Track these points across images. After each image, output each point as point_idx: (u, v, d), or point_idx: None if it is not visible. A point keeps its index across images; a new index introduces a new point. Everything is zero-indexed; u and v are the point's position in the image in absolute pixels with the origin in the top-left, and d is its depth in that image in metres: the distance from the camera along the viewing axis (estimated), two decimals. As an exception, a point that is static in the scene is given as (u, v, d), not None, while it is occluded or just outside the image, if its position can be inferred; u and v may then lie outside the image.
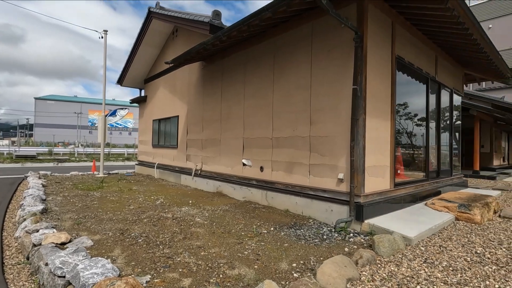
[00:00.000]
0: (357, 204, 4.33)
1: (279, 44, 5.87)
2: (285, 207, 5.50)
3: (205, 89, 8.27)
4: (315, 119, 5.07)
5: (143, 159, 12.41)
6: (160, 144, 10.89)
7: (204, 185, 8.00)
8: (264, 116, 6.16)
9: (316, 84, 5.08)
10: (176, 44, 10.01)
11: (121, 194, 7.08)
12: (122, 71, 11.98)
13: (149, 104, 12.07)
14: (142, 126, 12.68)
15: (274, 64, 5.97)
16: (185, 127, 9.20)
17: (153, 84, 11.71)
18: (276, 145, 5.85)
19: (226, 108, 7.37)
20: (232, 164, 7.06)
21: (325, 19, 4.94)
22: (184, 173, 9.11)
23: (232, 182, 6.97)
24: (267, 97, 6.10)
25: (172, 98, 10.09)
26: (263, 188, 6.06)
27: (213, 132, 7.84)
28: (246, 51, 6.71)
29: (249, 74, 6.64)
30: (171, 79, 10.23)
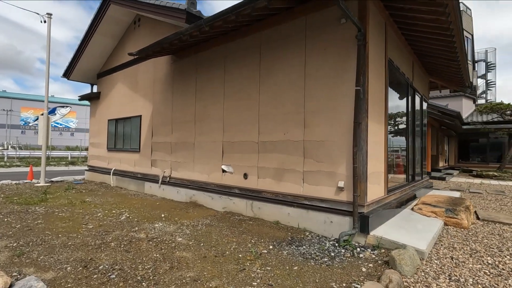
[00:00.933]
0: (361, 214, 4.00)
1: (266, 40, 5.36)
2: (275, 219, 4.99)
3: (175, 87, 7.40)
4: (310, 122, 4.66)
5: (95, 164, 10.86)
6: (118, 148, 9.59)
7: (174, 194, 7.11)
8: (248, 118, 5.59)
9: (311, 84, 4.68)
10: (138, 35, 8.89)
11: (73, 209, 5.87)
12: (70, 62, 10.35)
13: (103, 102, 10.62)
14: (95, 127, 11.12)
15: (260, 61, 5.45)
16: (150, 128, 8.17)
17: (109, 79, 10.33)
18: (263, 150, 5.32)
19: (201, 109, 6.62)
20: (209, 170, 6.34)
21: (322, 14, 4.57)
22: (148, 180, 8.06)
23: (209, 190, 6.24)
24: (252, 97, 5.55)
25: (133, 96, 8.94)
26: (247, 198, 5.47)
27: (185, 135, 7.01)
28: (227, 45, 6.08)
29: (230, 72, 6.01)
30: (132, 74, 9.06)
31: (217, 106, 6.23)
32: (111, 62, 10.24)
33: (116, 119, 9.74)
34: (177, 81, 7.33)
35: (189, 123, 6.91)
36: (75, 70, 10.52)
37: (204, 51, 6.61)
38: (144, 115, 8.43)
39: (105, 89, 10.57)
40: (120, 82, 9.69)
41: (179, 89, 7.26)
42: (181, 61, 7.26)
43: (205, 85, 6.56)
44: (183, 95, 7.12)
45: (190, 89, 6.94)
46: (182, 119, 7.11)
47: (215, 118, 6.25)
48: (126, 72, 9.40)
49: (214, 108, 6.28)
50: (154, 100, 8.06)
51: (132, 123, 8.91)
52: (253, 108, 5.52)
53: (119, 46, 9.83)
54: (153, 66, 8.19)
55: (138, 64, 8.81)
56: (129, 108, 9.08)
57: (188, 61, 7.05)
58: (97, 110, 10.96)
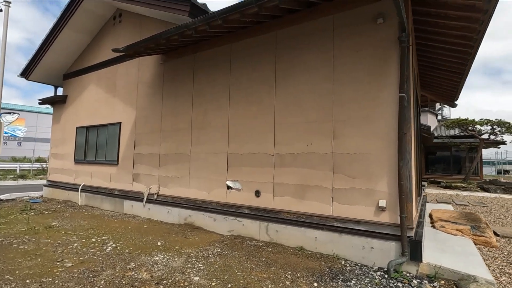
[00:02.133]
0: (411, 239, 3.48)
1: (283, 39, 4.80)
2: (297, 244, 4.29)
3: (165, 90, 6.49)
4: (340, 132, 4.12)
5: (57, 179, 9.28)
6: (89, 160, 8.25)
7: (163, 215, 6.08)
8: (260, 126, 4.91)
9: (341, 89, 4.17)
10: (119, 32, 7.85)
11: (38, 238, 4.63)
12: (32, 59, 8.86)
13: (70, 107, 9.20)
14: (58, 135, 9.58)
15: (276, 63, 4.84)
16: (132, 137, 7.08)
17: (79, 81, 9.00)
18: (280, 164, 4.65)
19: (199, 115, 5.79)
20: (209, 187, 5.48)
21: (353, 13, 4.12)
22: (129, 198, 6.90)
23: (210, 210, 5.37)
24: (265, 102, 4.89)
25: (110, 100, 7.78)
26: (261, 219, 4.72)
27: (178, 145, 6.09)
28: (233, 45, 5.40)
29: (236, 74, 5.32)
30: (109, 76, 7.93)
31: (220, 112, 5.46)
32: (82, 62, 8.96)
33: (87, 127, 8.41)
34: (169, 83, 6.44)
35: (183, 132, 6.02)
36: (36, 69, 9.02)
37: (203, 51, 5.85)
38: (125, 122, 7.32)
39: (73, 92, 9.19)
40: (93, 84, 8.45)
41: (171, 92, 6.36)
42: (174, 61, 6.40)
43: (204, 89, 5.77)
44: (176, 100, 6.23)
45: (185, 93, 6.09)
46: (175, 127, 6.19)
47: (218, 126, 5.47)
48: (101, 74, 8.22)
49: (217, 114, 5.51)
50: (138, 105, 7.03)
51: (109, 132, 7.71)
52: (266, 115, 4.86)
53: (94, 43, 8.63)
54: (136, 67, 7.19)
55: (117, 64, 7.73)
56: (105, 114, 7.88)
57: (182, 61, 6.22)
58: (62, 116, 9.47)
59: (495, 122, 17.76)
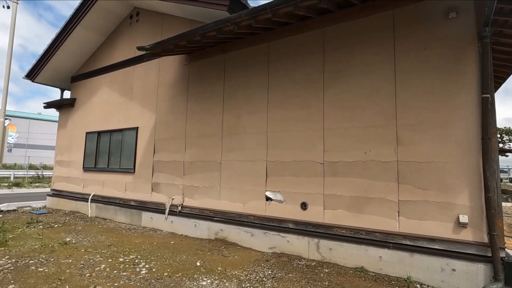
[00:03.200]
0: (505, 261, 3.03)
1: (331, 38, 4.40)
2: (356, 264, 3.81)
3: (190, 93, 6.02)
4: (406, 138, 3.69)
5: (63, 188, 8.64)
6: (100, 167, 7.66)
7: (190, 229, 5.53)
8: (306, 132, 4.46)
9: (405, 91, 3.76)
10: (136, 32, 7.39)
11: (57, 257, 4.05)
12: (40, 59, 8.31)
13: (79, 111, 8.63)
14: (64, 141, 8.97)
15: (324, 63, 4.43)
16: (151, 144, 6.56)
17: (89, 83, 8.47)
18: (331, 173, 4.19)
19: (232, 119, 5.32)
20: (244, 198, 4.98)
21: (417, 7, 3.75)
22: (147, 209, 6.33)
23: (246, 224, 4.85)
24: (312, 106, 4.46)
25: (126, 104, 7.27)
26: (310, 235, 4.23)
27: (205, 152, 5.59)
28: (272, 44, 4.99)
29: (276, 75, 4.89)
30: (125, 78, 7.43)
31: (257, 116, 5.01)
32: (94, 63, 8.45)
33: (98, 132, 7.85)
34: (194, 86, 5.97)
35: (212, 137, 5.53)
36: (44, 70, 8.47)
37: (235, 50, 5.43)
38: (142, 127, 6.80)
39: (82, 95, 8.64)
40: (105, 86, 7.93)
41: (197, 95, 5.89)
42: (200, 62, 5.96)
43: (238, 91, 5.32)
44: (203, 103, 5.77)
45: (214, 96, 5.63)
46: (202, 132, 5.71)
47: (254, 131, 5.01)
48: (115, 76, 7.72)
49: (253, 118, 5.05)
50: (158, 109, 6.54)
51: (124, 137, 7.17)
52: (313, 119, 4.42)
53: (107, 44, 8.15)
54: (156, 68, 6.73)
55: (133, 66, 7.25)
56: (120, 118, 7.35)
57: (211, 62, 5.78)
58: (70, 121, 8.89)
59: (503, 130, 17.72)
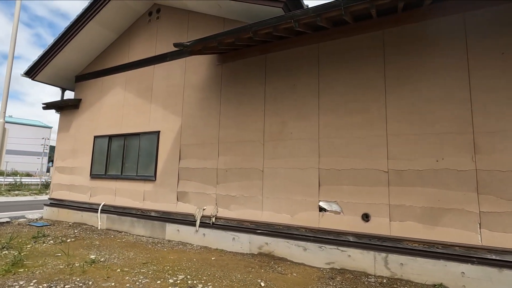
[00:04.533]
0: None
1: (392, 40, 4.21)
2: (434, 280, 3.54)
3: (224, 96, 5.63)
4: (487, 145, 3.51)
5: (64, 197, 7.84)
6: (111, 175, 7.01)
7: (227, 243, 5.07)
8: (366, 138, 4.21)
9: (482, 96, 3.60)
10: (156, 30, 6.91)
11: (94, 280, 3.48)
12: (43, 56, 7.58)
13: (86, 112, 7.94)
14: (66, 146, 8.20)
15: (385, 66, 4.22)
16: (176, 149, 6.06)
17: (98, 83, 7.83)
18: (397, 182, 3.93)
19: (275, 124, 4.98)
20: (292, 208, 4.62)
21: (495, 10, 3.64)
22: (172, 221, 5.80)
23: (296, 237, 4.48)
24: (372, 111, 4.22)
25: (144, 106, 6.73)
26: (375, 249, 3.93)
27: (243, 159, 5.20)
28: (323, 45, 4.73)
29: (328, 79, 4.63)
30: (143, 78, 6.90)
31: (306, 121, 4.70)
32: (103, 62, 7.83)
33: (110, 136, 7.22)
34: (229, 88, 5.59)
35: (252, 144, 5.16)
36: (47, 67, 7.73)
37: (279, 51, 5.13)
38: (165, 131, 6.29)
39: (89, 95, 7.96)
40: (119, 87, 7.34)
41: (233, 98, 5.51)
42: (236, 62, 5.60)
43: (282, 95, 5.00)
44: (240, 107, 5.39)
45: (253, 100, 5.28)
46: (239, 138, 5.31)
47: (303, 137, 4.69)
48: (131, 75, 7.17)
49: (301, 124, 4.74)
50: (185, 112, 6.07)
51: (142, 142, 6.60)
52: (375, 125, 4.18)
53: (121, 42, 7.58)
54: (181, 69, 6.28)
55: (153, 65, 6.76)
56: (137, 121, 6.79)
57: (249, 63, 5.44)
58: (73, 124, 8.15)
59: None
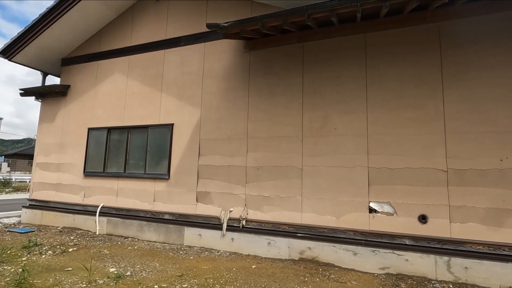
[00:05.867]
0: None
1: (449, 33, 4.03)
2: (504, 284, 3.42)
3: (253, 87, 5.12)
4: (553, 145, 3.46)
5: (49, 198, 6.78)
6: (111, 172, 6.16)
7: (261, 248, 4.61)
8: (422, 136, 3.99)
9: (548, 95, 3.54)
10: (165, 11, 6.15)
11: (136, 302, 2.86)
12: (24, 34, 6.42)
13: (76, 101, 6.91)
14: (50, 139, 7.10)
15: (441, 58, 4.03)
16: (194, 144, 5.43)
17: (91, 68, 6.84)
18: (457, 182, 3.77)
19: (316, 120, 4.61)
20: (338, 210, 4.29)
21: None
22: (191, 224, 5.19)
23: (344, 241, 4.17)
24: (428, 107, 4.01)
25: (153, 95, 5.98)
26: (435, 252, 3.73)
27: (278, 156, 4.76)
28: (370, 36, 4.43)
29: (376, 72, 4.34)
30: (150, 64, 6.13)
31: (352, 116, 4.39)
32: (99, 44, 6.86)
33: (109, 128, 6.34)
34: (259, 78, 5.10)
35: (287, 139, 4.74)
36: (29, 47, 6.57)
37: (318, 40, 4.75)
38: (180, 125, 5.63)
39: (80, 82, 6.95)
40: (119, 73, 6.47)
41: (264, 89, 5.03)
42: (266, 50, 5.12)
43: (323, 87, 4.63)
44: (273, 99, 4.94)
45: (288, 91, 4.85)
46: (272, 133, 4.86)
47: (349, 133, 4.37)
48: (134, 61, 6.34)
49: (347, 119, 4.41)
50: (205, 104, 5.46)
51: (152, 136, 5.86)
52: (431, 122, 3.97)
53: (121, 22, 6.67)
54: (200, 55, 5.65)
55: (164, 50, 6.02)
56: (143, 113, 6.01)
57: (282, 51, 4.99)
58: (60, 113, 7.08)
59: None
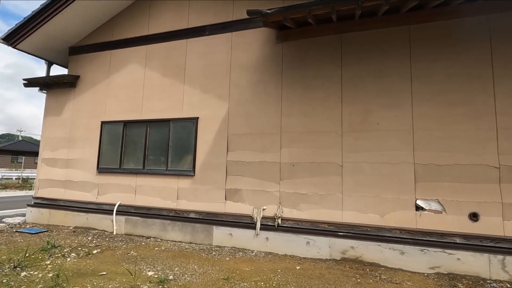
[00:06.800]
0: None
1: (498, 25, 3.93)
2: (559, 283, 3.37)
3: (286, 79, 4.90)
4: None
5: (58, 196, 6.35)
6: (128, 168, 5.81)
7: (299, 247, 4.42)
8: (471, 131, 3.88)
9: None
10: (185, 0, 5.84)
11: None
12: (31, 18, 5.93)
13: (87, 92, 6.48)
14: (58, 133, 6.64)
15: (492, 55, 3.92)
16: (222, 139, 5.17)
17: (104, 57, 6.42)
18: (510, 179, 3.69)
19: (356, 114, 4.43)
20: (383, 208, 4.14)
21: None
22: (220, 223, 4.94)
23: (389, 240, 4.03)
24: (477, 102, 3.90)
25: (175, 87, 5.65)
26: (488, 251, 3.64)
27: (315, 152, 4.57)
28: (413, 27, 4.28)
29: (422, 65, 4.20)
30: (171, 54, 5.79)
31: (396, 111, 4.24)
32: (111, 31, 6.43)
33: (125, 122, 5.96)
34: (293, 70, 4.88)
35: (326, 134, 4.55)
36: (36, 33, 6.09)
37: (357, 32, 4.56)
38: (205, 118, 5.34)
39: (91, 72, 6.52)
40: (135, 63, 6.09)
41: (299, 82, 4.82)
42: (300, 41, 4.89)
43: (363, 80, 4.46)
44: (309, 92, 4.73)
45: (327, 84, 4.65)
46: (308, 128, 4.66)
47: (393, 128, 4.22)
48: (153, 50, 5.97)
49: (390, 114, 4.26)
50: (233, 97, 5.20)
51: (174, 130, 5.54)
52: (481, 118, 3.86)
53: (136, 9, 6.26)
54: (226, 45, 5.37)
55: (185, 39, 5.70)
56: (164, 105, 5.68)
57: (317, 42, 4.78)
58: (68, 106, 6.62)
59: None
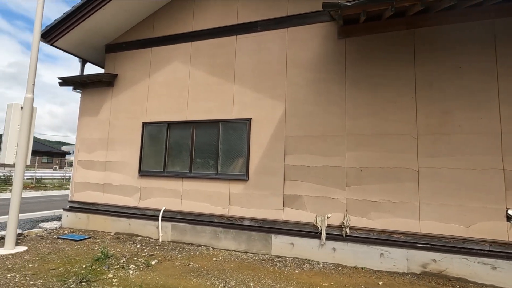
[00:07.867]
0: None
1: None
2: None
3: (350, 78, 4.57)
4: None
5: (96, 200, 6.09)
6: (173, 172, 5.52)
7: (372, 259, 4.10)
8: None
9: None
10: (234, -8, 5.52)
11: None
12: (71, 14, 5.67)
13: (126, 92, 6.20)
14: (94, 134, 6.38)
15: None
16: (279, 142, 4.86)
17: (145, 55, 6.13)
18: None
19: (433, 116, 4.10)
20: (467, 218, 3.81)
21: None
22: (279, 232, 4.63)
23: (477, 253, 3.69)
24: None
25: (223, 86, 5.35)
26: None
27: (386, 156, 4.24)
28: (498, 22, 3.94)
29: (510, 61, 3.86)
30: (218, 52, 5.48)
31: (480, 113, 3.90)
32: (151, 28, 6.14)
33: (169, 123, 5.68)
34: (358, 68, 4.55)
35: (399, 137, 4.22)
36: (75, 30, 5.82)
37: (432, 26, 4.22)
38: (258, 120, 5.03)
39: (130, 70, 6.23)
40: (179, 61, 5.79)
41: (365, 81, 4.49)
42: (365, 37, 4.56)
43: (440, 79, 4.12)
44: (377, 92, 4.40)
45: (398, 84, 4.32)
46: (377, 130, 4.33)
47: (477, 131, 3.89)
48: (198, 47, 5.67)
49: (472, 116, 3.92)
50: (290, 97, 4.89)
51: (224, 132, 5.24)
52: None
53: (179, 4, 5.97)
54: (281, 42, 5.06)
55: (234, 36, 5.40)
56: (212, 106, 5.38)
57: (385, 38, 4.46)
58: (106, 105, 6.35)
59: None
